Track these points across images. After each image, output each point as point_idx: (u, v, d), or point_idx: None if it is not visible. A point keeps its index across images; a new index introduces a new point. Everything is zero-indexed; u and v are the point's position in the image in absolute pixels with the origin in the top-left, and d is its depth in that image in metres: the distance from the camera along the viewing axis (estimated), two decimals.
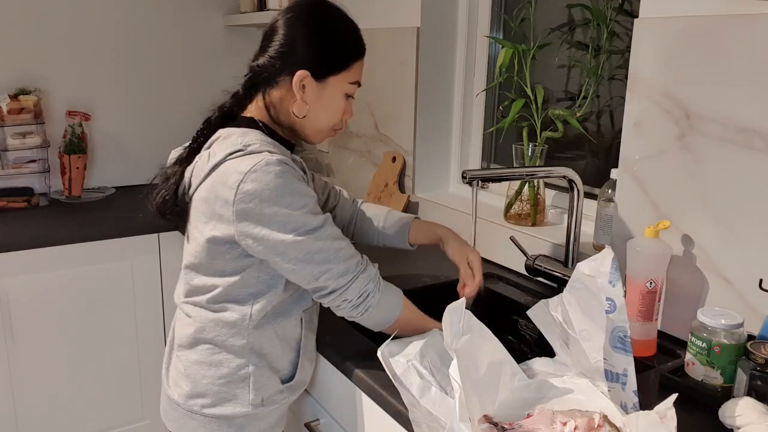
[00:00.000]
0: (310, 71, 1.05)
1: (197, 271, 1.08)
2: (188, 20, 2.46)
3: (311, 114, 1.09)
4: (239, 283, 1.05)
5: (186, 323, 1.11)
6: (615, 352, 0.95)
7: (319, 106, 1.08)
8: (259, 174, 0.96)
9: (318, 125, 1.11)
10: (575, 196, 1.28)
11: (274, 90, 1.08)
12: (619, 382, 0.94)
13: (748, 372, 0.93)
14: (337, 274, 1.01)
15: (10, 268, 1.79)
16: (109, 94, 2.36)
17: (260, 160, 0.97)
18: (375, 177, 2.05)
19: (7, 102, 2.09)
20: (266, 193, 0.96)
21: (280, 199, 0.96)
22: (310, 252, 0.99)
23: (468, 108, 1.93)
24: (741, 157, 1.07)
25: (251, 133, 1.05)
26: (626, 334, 0.94)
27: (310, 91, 1.06)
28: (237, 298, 1.06)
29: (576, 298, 0.99)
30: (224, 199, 0.98)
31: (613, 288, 0.94)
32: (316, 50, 1.05)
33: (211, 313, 1.07)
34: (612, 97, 1.53)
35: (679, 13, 1.13)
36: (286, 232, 0.97)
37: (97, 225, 1.95)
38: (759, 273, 1.06)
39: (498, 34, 1.85)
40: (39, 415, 1.91)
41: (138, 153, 2.41)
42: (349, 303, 1.03)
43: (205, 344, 1.08)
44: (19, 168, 2.15)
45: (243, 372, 1.07)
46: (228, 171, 0.99)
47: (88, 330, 1.94)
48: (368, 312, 1.04)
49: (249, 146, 1.00)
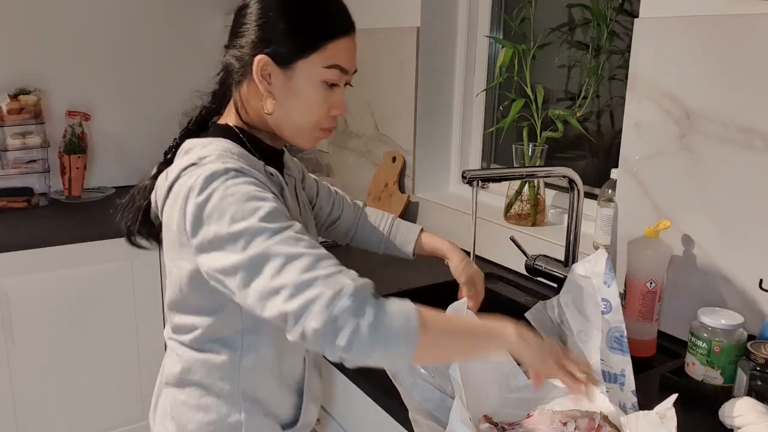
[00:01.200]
0: (270, 56, 0.86)
1: (175, 309, 0.94)
2: (188, 20, 2.46)
3: (283, 110, 0.89)
4: (223, 321, 0.90)
5: (174, 360, 0.96)
6: (612, 353, 0.95)
7: (290, 99, 0.88)
8: (204, 184, 0.80)
9: (296, 123, 0.91)
10: (575, 196, 1.28)
11: (243, 85, 0.90)
12: (617, 382, 0.94)
13: (749, 372, 0.93)
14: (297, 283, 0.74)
15: (10, 268, 1.79)
16: (109, 94, 2.36)
17: (207, 170, 0.81)
18: (375, 177, 2.05)
19: (7, 102, 2.08)
20: (212, 202, 0.79)
21: (229, 207, 0.79)
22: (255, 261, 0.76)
23: (468, 108, 1.93)
24: (741, 157, 1.07)
25: (216, 142, 0.89)
26: (623, 334, 0.94)
27: (276, 82, 0.88)
28: (224, 338, 0.91)
29: (572, 299, 0.99)
30: (177, 220, 0.84)
31: (608, 288, 0.94)
32: (277, 29, 0.86)
33: (197, 353, 0.93)
34: (612, 97, 1.53)
35: (679, 13, 1.13)
36: (239, 247, 0.77)
37: (97, 225, 1.95)
38: (759, 273, 1.06)
39: (498, 34, 1.85)
40: (39, 415, 1.91)
41: (138, 153, 2.41)
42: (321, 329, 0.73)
43: (192, 386, 0.94)
44: (19, 168, 2.15)
45: (233, 419, 0.93)
46: (179, 188, 0.84)
47: (88, 330, 1.94)
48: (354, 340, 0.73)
49: (203, 158, 0.84)
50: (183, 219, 0.82)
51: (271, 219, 0.79)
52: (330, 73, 0.88)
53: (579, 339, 0.97)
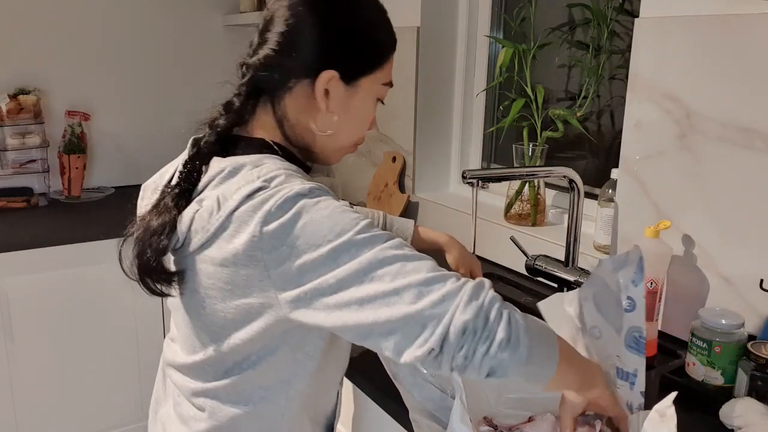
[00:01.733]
0: (338, 71, 0.80)
1: (207, 360, 0.81)
2: (188, 20, 2.46)
3: (333, 129, 0.82)
4: (273, 366, 0.79)
5: (196, 417, 0.83)
6: (629, 352, 0.94)
7: (346, 116, 0.82)
8: (288, 204, 0.71)
9: (342, 141, 0.85)
10: (575, 196, 1.28)
11: (286, 98, 0.81)
12: (628, 380, 0.94)
13: (749, 372, 0.93)
14: (434, 301, 0.66)
15: (9, 268, 1.79)
16: (109, 94, 2.36)
17: (285, 191, 0.72)
18: (375, 177, 2.05)
19: (6, 102, 2.08)
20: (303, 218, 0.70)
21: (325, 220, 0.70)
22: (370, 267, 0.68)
23: (468, 108, 1.93)
24: (741, 157, 1.07)
25: (267, 160, 0.78)
26: (641, 334, 0.94)
27: (335, 98, 0.81)
28: (267, 387, 0.81)
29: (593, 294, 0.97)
30: (247, 254, 0.72)
31: (636, 287, 0.93)
32: (343, 42, 0.80)
33: (226, 407, 0.81)
34: (612, 96, 1.53)
35: (680, 13, 1.13)
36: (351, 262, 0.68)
37: (96, 225, 1.95)
38: (759, 273, 1.06)
39: (498, 33, 1.85)
40: (39, 415, 1.91)
41: (138, 153, 2.41)
42: (470, 322, 0.65)
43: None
44: (19, 168, 2.15)
45: None
46: (246, 218, 0.72)
47: (88, 330, 1.94)
48: (520, 347, 0.67)
49: (273, 180, 0.73)
50: (260, 245, 0.71)
51: (369, 225, 0.71)
52: (384, 90, 0.86)
53: (591, 334, 0.96)
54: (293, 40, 0.80)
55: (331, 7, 0.80)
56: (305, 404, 0.85)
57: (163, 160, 1.16)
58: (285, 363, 0.80)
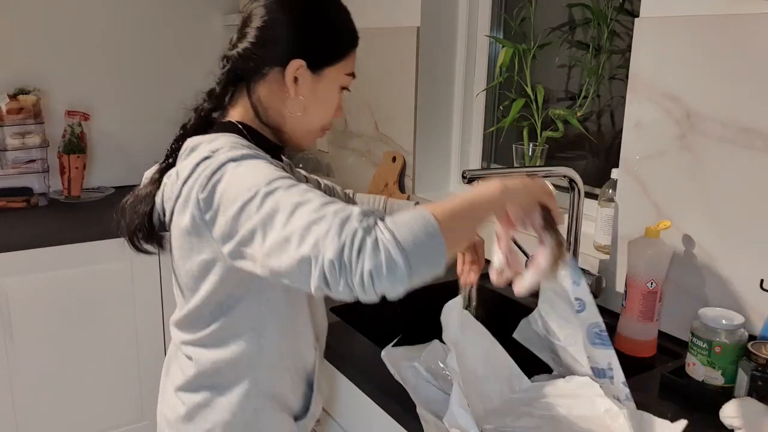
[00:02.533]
0: (306, 61, 0.91)
1: (189, 311, 0.93)
2: (187, 19, 2.46)
3: (304, 110, 0.94)
4: (239, 317, 0.91)
5: (187, 365, 0.97)
6: (595, 348, 0.95)
7: (313, 101, 0.94)
8: (217, 167, 0.81)
9: (310, 125, 0.96)
10: (576, 196, 1.28)
11: (261, 85, 0.93)
12: (606, 377, 0.95)
13: (749, 372, 0.93)
14: (311, 243, 0.69)
15: (9, 268, 1.79)
16: (109, 94, 2.36)
17: (221, 158, 0.83)
18: (375, 177, 2.05)
19: (6, 102, 2.08)
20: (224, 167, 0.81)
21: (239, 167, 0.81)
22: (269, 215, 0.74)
23: (468, 108, 1.93)
24: (742, 157, 1.07)
25: (222, 137, 0.89)
26: (602, 328, 0.95)
27: (303, 85, 0.92)
28: (240, 334, 0.92)
29: (551, 307, 1.00)
30: (194, 214, 0.83)
31: (578, 287, 0.95)
32: (311, 36, 0.92)
33: (210, 351, 0.93)
34: (612, 96, 1.53)
35: (680, 13, 1.13)
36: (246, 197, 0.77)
37: (96, 225, 1.95)
38: (760, 273, 1.06)
39: (498, 33, 1.85)
40: (39, 415, 1.91)
41: (137, 153, 2.41)
42: (335, 260, 0.68)
43: (206, 388, 0.95)
44: (19, 168, 2.15)
45: (249, 416, 0.94)
46: (193, 185, 0.84)
47: (88, 330, 1.94)
48: (397, 267, 0.67)
49: (216, 150, 0.85)
50: (198, 209, 0.82)
51: (281, 179, 0.78)
52: (347, 79, 0.96)
53: (567, 343, 0.98)
54: (268, 34, 0.91)
55: (301, 7, 0.92)
56: (282, 355, 0.95)
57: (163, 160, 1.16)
58: (252, 312, 0.90)
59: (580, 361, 0.96)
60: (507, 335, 1.08)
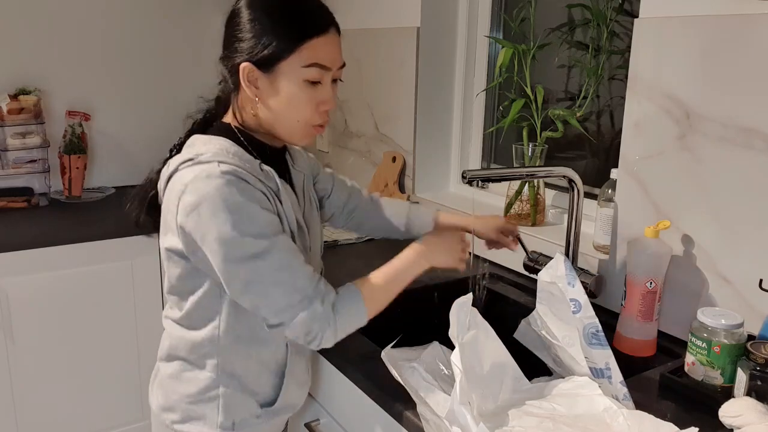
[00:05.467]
0: (253, 62, 0.92)
1: (168, 290, 1.04)
2: (188, 19, 2.46)
3: (272, 112, 0.96)
4: (205, 300, 0.98)
5: (164, 336, 1.07)
6: (593, 349, 0.96)
7: (276, 100, 0.95)
8: (198, 185, 0.88)
9: (286, 123, 0.97)
10: (575, 196, 1.28)
11: (240, 92, 0.97)
12: (604, 377, 0.95)
13: (748, 372, 0.93)
14: (276, 309, 0.90)
15: (9, 268, 1.79)
16: (109, 94, 2.36)
17: (202, 170, 0.89)
18: (375, 177, 2.05)
19: (7, 102, 2.08)
20: (204, 206, 0.88)
21: (216, 215, 0.87)
22: (246, 281, 0.89)
23: (468, 108, 1.93)
24: (741, 157, 1.07)
25: (215, 140, 0.96)
26: (598, 329, 0.96)
27: (262, 86, 0.94)
28: (206, 317, 1.00)
29: (548, 308, 1.00)
30: (171, 210, 0.93)
31: (573, 288, 0.95)
32: (255, 36, 0.92)
33: (182, 330, 1.02)
34: (612, 97, 1.53)
35: (680, 13, 1.13)
36: (221, 256, 0.89)
37: (97, 225, 1.95)
38: (759, 273, 1.06)
39: (498, 33, 1.85)
40: (39, 415, 1.91)
41: (138, 153, 2.41)
42: (298, 338, 0.93)
43: (178, 360, 1.04)
44: (19, 168, 2.15)
45: (212, 393, 1.02)
46: (175, 182, 0.93)
47: (88, 330, 1.94)
48: (324, 343, 0.94)
49: (200, 155, 0.92)
50: (176, 210, 0.91)
51: (261, 233, 0.89)
52: (310, 71, 0.93)
53: (565, 344, 0.98)
54: (225, 42, 0.97)
55: (247, 11, 0.94)
56: (240, 339, 1.00)
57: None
58: (214, 297, 0.98)
59: (578, 361, 0.96)
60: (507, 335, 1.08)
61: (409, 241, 1.08)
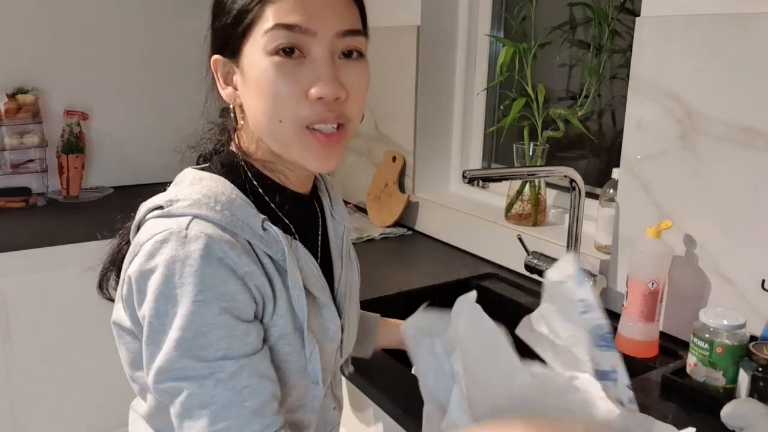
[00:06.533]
0: (218, 52, 0.76)
1: (129, 376, 0.86)
2: (187, 19, 2.44)
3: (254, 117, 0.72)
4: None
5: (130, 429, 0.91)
6: (600, 351, 0.95)
7: (252, 96, 0.71)
8: (155, 248, 0.65)
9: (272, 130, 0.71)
10: (576, 196, 1.27)
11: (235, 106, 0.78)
12: (609, 379, 0.94)
13: (751, 373, 0.92)
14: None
15: (7, 268, 1.78)
16: (108, 94, 2.35)
17: (166, 228, 0.66)
18: (375, 177, 2.04)
19: (4, 101, 2.08)
20: (152, 281, 0.65)
21: (159, 303, 0.65)
22: (201, 399, 0.66)
23: (468, 107, 1.92)
24: (743, 156, 1.06)
25: (207, 180, 0.73)
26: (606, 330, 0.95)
27: (239, 83, 0.74)
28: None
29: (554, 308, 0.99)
30: (127, 272, 0.70)
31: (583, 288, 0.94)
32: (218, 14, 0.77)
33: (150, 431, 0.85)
34: (614, 96, 1.53)
35: (681, 12, 1.13)
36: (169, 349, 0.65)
37: (95, 225, 1.94)
38: (761, 273, 1.06)
39: (499, 32, 1.84)
40: (37, 416, 1.90)
41: (136, 153, 2.40)
42: None
43: None
44: (17, 168, 2.14)
45: None
46: (140, 234, 0.70)
47: (87, 330, 1.93)
48: None
49: (176, 201, 0.69)
50: (124, 276, 0.70)
51: (205, 346, 0.65)
52: (271, 36, 0.67)
53: (570, 343, 0.97)
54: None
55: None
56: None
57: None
58: None
59: (582, 361, 0.96)
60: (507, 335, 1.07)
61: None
